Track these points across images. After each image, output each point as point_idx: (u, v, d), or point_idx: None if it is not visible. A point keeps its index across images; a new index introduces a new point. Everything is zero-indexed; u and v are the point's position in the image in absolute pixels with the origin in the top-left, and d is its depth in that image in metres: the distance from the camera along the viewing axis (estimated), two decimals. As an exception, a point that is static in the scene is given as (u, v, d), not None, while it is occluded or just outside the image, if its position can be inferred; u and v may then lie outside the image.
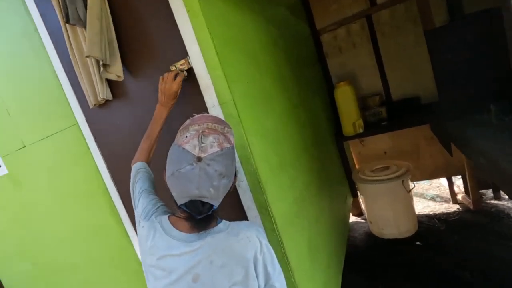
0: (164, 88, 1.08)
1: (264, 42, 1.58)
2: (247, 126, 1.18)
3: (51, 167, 1.75)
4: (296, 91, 1.91)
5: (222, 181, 0.71)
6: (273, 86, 1.54)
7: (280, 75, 1.69)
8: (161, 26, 1.17)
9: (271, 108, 1.46)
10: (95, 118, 1.47)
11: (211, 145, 0.71)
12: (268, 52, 1.59)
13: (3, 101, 1.77)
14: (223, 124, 0.84)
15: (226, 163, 0.72)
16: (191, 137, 0.73)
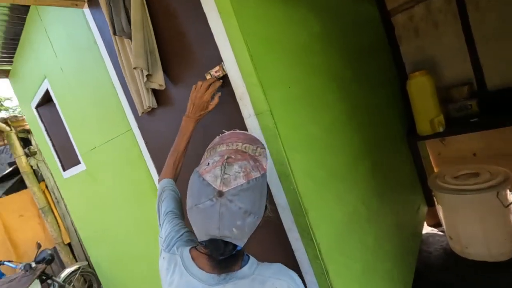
0: (194, 98, 1.01)
1: (314, 35, 1.38)
2: (287, 138, 1.03)
3: (114, 166, 1.91)
4: (355, 88, 1.66)
5: (247, 220, 0.60)
6: (323, 86, 1.35)
7: (333, 72, 1.47)
8: (195, 30, 1.10)
9: (320, 111, 1.27)
10: (145, 124, 1.52)
11: (235, 176, 0.60)
12: (318, 47, 1.39)
13: (80, 107, 1.99)
14: (256, 144, 0.74)
15: (253, 198, 0.60)
16: (214, 165, 0.62)
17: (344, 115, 1.46)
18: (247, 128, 1.06)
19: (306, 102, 1.19)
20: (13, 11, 2.23)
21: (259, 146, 0.73)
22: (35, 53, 2.23)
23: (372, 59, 2.12)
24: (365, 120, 1.69)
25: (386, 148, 1.94)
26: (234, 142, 0.73)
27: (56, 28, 1.86)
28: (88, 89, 1.80)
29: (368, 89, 1.87)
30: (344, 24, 1.73)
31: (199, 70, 1.13)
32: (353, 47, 1.78)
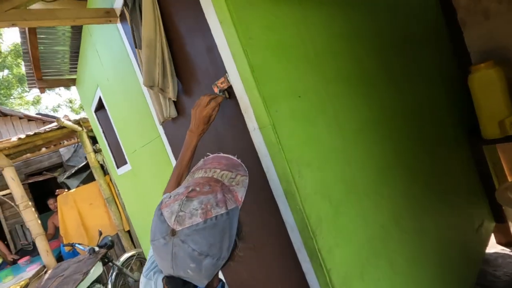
0: (195, 112, 0.99)
1: (336, 35, 1.24)
2: (295, 153, 0.95)
3: (150, 169, 2.03)
4: (391, 89, 1.45)
5: (204, 262, 0.55)
6: (346, 92, 1.20)
7: (360, 74, 1.30)
8: (202, 41, 1.07)
9: (341, 120, 1.14)
10: (170, 132, 1.57)
11: (191, 214, 0.55)
12: (341, 48, 1.24)
13: (123, 114, 2.17)
14: (236, 171, 0.68)
15: (210, 239, 0.55)
16: (175, 198, 0.58)
17: (374, 122, 1.29)
18: (253, 141, 1.00)
19: (322, 112, 1.08)
20: (74, 28, 2.52)
21: (240, 173, 0.67)
22: (89, 65, 2.49)
23: (424, 51, 1.84)
24: (404, 125, 1.48)
25: (434, 155, 1.68)
26: (213, 168, 0.68)
27: (101, 42, 2.04)
28: (126, 97, 1.94)
29: (414, 87, 1.63)
30: (382, 16, 1.52)
31: (207, 81, 1.11)
32: (393, 41, 1.56)
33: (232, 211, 0.59)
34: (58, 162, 6.70)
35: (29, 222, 4.33)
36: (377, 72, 1.38)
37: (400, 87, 1.53)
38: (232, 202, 0.60)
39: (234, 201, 0.61)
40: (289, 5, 1.06)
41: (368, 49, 1.38)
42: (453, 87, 2.07)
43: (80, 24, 1.49)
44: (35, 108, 14.06)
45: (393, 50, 1.54)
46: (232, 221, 0.58)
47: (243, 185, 0.66)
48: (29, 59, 2.65)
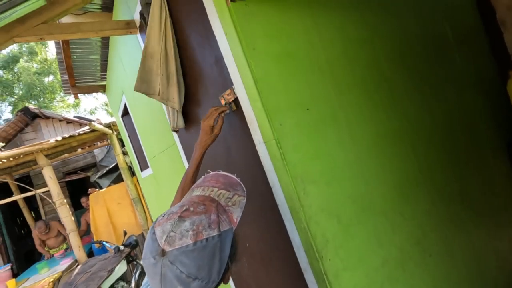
0: (201, 124, 0.98)
1: (351, 41, 1.17)
2: (300, 169, 0.90)
3: (168, 174, 2.07)
4: (417, 97, 1.34)
5: (192, 285, 0.53)
6: (361, 102, 1.13)
7: (381, 80, 1.22)
8: (209, 53, 1.06)
9: (354, 133, 1.07)
10: (183, 139, 1.59)
11: (181, 235, 0.53)
12: (357, 55, 1.17)
13: (144, 120, 2.24)
14: (234, 191, 0.66)
15: (199, 261, 0.53)
16: (168, 217, 0.57)
17: (393, 134, 1.20)
18: (259, 155, 0.97)
19: (333, 124, 1.02)
20: (103, 38, 2.67)
21: (237, 193, 0.65)
22: (115, 72, 2.61)
23: (457, 54, 1.69)
24: (431, 137, 1.36)
25: (467, 170, 1.53)
26: (211, 187, 0.66)
27: (124, 51, 2.12)
28: (147, 104, 2.00)
29: (443, 95, 1.50)
30: (405, 16, 1.42)
31: (214, 93, 1.10)
32: (419, 43, 1.44)
33: (226, 232, 0.57)
34: (92, 162, 7.13)
35: (64, 218, 4.62)
36: (398, 78, 1.29)
37: (426, 94, 1.41)
38: (226, 223, 0.58)
39: (228, 223, 0.59)
40: (299, 11, 1.02)
41: (389, 53, 1.29)
42: (490, 94, 1.89)
43: (102, 36, 1.56)
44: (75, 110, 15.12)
45: (418, 54, 1.43)
46: (224, 244, 0.56)
47: (240, 206, 0.63)
48: (63, 67, 2.83)
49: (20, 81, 11.83)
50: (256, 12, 0.93)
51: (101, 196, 5.02)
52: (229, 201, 0.64)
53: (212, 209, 0.58)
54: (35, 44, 11.79)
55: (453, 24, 1.74)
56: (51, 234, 5.15)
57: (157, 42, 1.22)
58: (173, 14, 1.23)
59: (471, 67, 1.79)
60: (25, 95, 11.98)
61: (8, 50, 12.06)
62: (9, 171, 5.41)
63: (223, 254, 0.56)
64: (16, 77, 11.89)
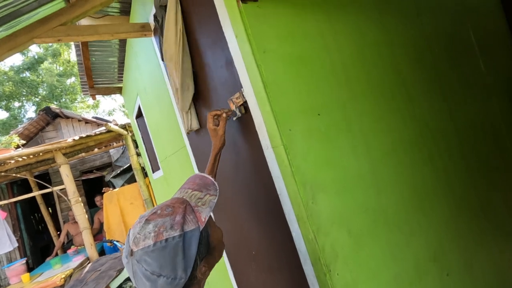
0: None
1: (369, 44, 1.13)
2: (309, 176, 0.87)
3: (178, 177, 2.07)
4: (438, 105, 1.28)
5: (158, 282, 0.57)
6: (379, 107, 1.08)
7: (399, 86, 1.17)
8: (220, 55, 1.05)
9: (369, 140, 1.03)
10: (193, 142, 1.58)
11: (145, 236, 0.59)
12: (375, 57, 1.13)
13: (157, 122, 2.26)
14: (206, 191, 0.72)
15: (161, 260, 0.57)
16: (140, 220, 0.62)
17: (410, 142, 1.14)
18: (266, 160, 0.94)
19: (346, 131, 0.98)
20: (121, 41, 2.73)
21: (209, 193, 0.70)
22: (131, 75, 2.66)
23: (483, 59, 1.61)
24: (452, 146, 1.29)
25: (493, 181, 1.44)
26: (187, 189, 0.72)
27: (140, 54, 2.16)
28: (159, 106, 2.02)
29: (468, 102, 1.42)
30: (426, 20, 1.36)
31: (227, 95, 1.08)
32: (442, 48, 1.38)
33: (191, 232, 0.61)
34: (108, 161, 7.31)
35: (78, 216, 4.73)
36: (417, 83, 1.23)
37: (447, 100, 1.34)
38: (193, 223, 0.62)
39: (195, 222, 0.63)
40: (313, 13, 0.99)
41: (408, 57, 1.23)
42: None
43: (118, 38, 1.59)
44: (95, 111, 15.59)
45: (439, 58, 1.36)
46: (188, 243, 0.60)
47: (209, 205, 0.68)
48: (82, 69, 2.92)
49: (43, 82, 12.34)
50: (268, 13, 0.90)
51: (115, 195, 5.11)
52: (200, 201, 0.69)
53: (179, 211, 0.63)
54: (60, 46, 12.29)
55: (477, 28, 1.66)
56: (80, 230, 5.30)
57: (174, 44, 1.22)
58: (185, 16, 1.23)
59: (495, 72, 1.70)
60: (48, 96, 12.47)
61: (33, 53, 12.64)
62: (29, 168, 5.62)
63: (187, 252, 0.60)
64: (40, 79, 12.42)
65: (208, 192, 0.71)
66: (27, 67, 12.32)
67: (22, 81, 12.19)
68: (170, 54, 1.24)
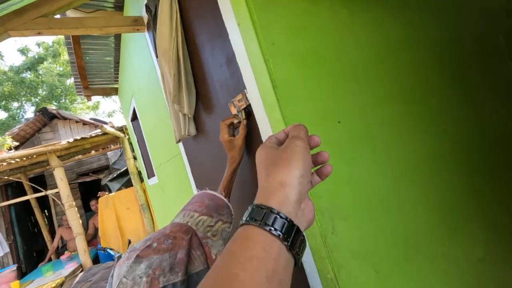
0: None
1: (393, 40, 0.96)
2: (327, 200, 0.69)
3: (173, 185, 1.90)
4: (471, 112, 1.11)
5: None
6: (404, 115, 0.91)
7: (426, 91, 1.00)
8: (221, 50, 0.88)
9: (396, 154, 0.86)
10: (189, 150, 1.42)
11: (134, 282, 0.43)
12: (399, 58, 0.96)
13: (152, 126, 2.09)
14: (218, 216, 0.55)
15: None
16: (129, 256, 0.46)
17: (437, 156, 0.97)
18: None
19: (368, 143, 0.81)
20: (116, 39, 2.57)
21: (221, 220, 0.55)
22: (126, 75, 2.50)
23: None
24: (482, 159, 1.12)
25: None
26: (192, 211, 0.57)
27: (134, 52, 2.00)
28: (154, 108, 1.85)
29: (495, 111, 1.25)
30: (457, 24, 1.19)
31: (228, 97, 0.92)
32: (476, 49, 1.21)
33: (197, 275, 0.45)
34: (105, 164, 7.14)
35: (72, 221, 4.56)
36: (445, 90, 1.06)
37: (478, 111, 1.17)
38: (200, 262, 0.47)
39: (203, 261, 0.48)
40: (331, 3, 0.83)
41: (434, 61, 1.07)
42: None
43: (107, 33, 1.43)
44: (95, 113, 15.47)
45: (467, 64, 1.20)
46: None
47: (222, 236, 0.53)
48: (75, 68, 2.76)
49: (43, 82, 12.23)
50: (277, 0, 0.74)
51: (111, 200, 4.94)
52: (209, 230, 0.53)
53: (182, 244, 0.47)
54: (59, 46, 12.19)
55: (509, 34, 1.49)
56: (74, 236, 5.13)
57: (168, 38, 1.06)
58: (181, 7, 1.07)
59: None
60: (47, 96, 12.35)
61: (34, 53, 12.54)
62: (23, 170, 5.46)
63: None
64: (40, 79, 12.30)
65: (221, 218, 0.56)
66: (27, 67, 12.23)
67: (21, 81, 12.09)
68: (163, 49, 1.07)
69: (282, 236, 0.25)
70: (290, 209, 0.27)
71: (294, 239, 0.26)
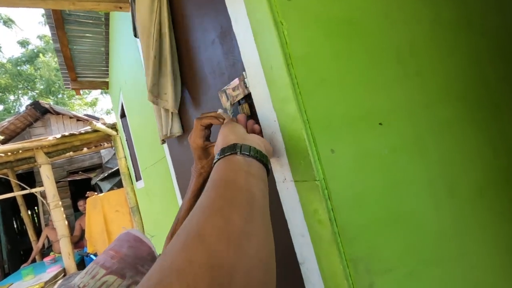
0: None
1: (445, 24, 0.72)
2: (365, 244, 0.45)
3: (158, 191, 1.66)
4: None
5: None
6: (463, 122, 0.67)
7: (485, 96, 0.76)
8: (210, 23, 0.64)
9: (452, 173, 0.62)
10: (175, 153, 1.17)
11: None
12: (452, 48, 0.72)
13: (139, 124, 1.85)
14: (133, 276, 0.42)
15: None
16: None
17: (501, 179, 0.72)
18: (282, 205, 0.53)
19: (418, 156, 0.57)
20: (107, 27, 2.33)
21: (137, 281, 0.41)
22: (114, 66, 2.26)
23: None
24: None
25: None
26: (100, 265, 0.45)
27: (121, 41, 1.76)
28: (140, 104, 1.61)
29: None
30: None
31: (218, 86, 0.67)
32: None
33: None
34: (98, 163, 6.87)
35: (57, 222, 4.29)
36: (506, 92, 0.82)
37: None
38: None
39: None
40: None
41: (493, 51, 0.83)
42: None
43: (82, 8, 1.19)
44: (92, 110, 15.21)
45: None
46: None
47: None
48: (61, 57, 2.52)
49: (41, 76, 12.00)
50: None
51: (99, 201, 4.67)
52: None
53: None
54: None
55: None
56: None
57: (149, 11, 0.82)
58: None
59: None
60: (44, 90, 12.11)
61: (33, 46, 12.33)
62: (10, 166, 5.20)
63: None
64: (38, 73, 12.07)
65: (136, 279, 0.42)
66: (25, 60, 12.00)
67: (19, 73, 11.85)
68: (143, 24, 0.83)
69: (235, 151, 0.37)
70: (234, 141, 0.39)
71: (245, 149, 0.38)
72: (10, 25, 11.45)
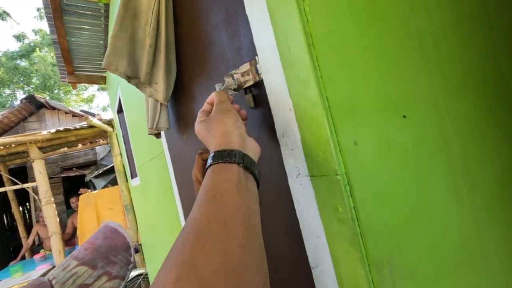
0: None
1: (465, 16, 0.69)
2: (388, 246, 0.41)
3: (155, 188, 1.61)
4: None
5: None
6: (481, 118, 0.64)
7: (503, 88, 0.73)
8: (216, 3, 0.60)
9: (474, 171, 0.58)
10: (173, 147, 1.12)
11: None
12: (471, 40, 0.69)
13: (135, 119, 1.79)
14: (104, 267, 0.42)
15: None
16: None
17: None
18: (292, 196, 0.49)
19: (442, 151, 0.52)
20: (106, 20, 2.28)
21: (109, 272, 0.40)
22: (112, 59, 2.20)
23: None
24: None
25: None
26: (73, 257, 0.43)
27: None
28: (137, 98, 1.56)
29: None
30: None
31: (223, 74, 0.63)
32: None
33: None
34: (93, 159, 6.77)
35: (48, 218, 4.19)
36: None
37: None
38: None
39: None
40: None
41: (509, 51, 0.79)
42: None
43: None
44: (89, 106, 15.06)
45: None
46: None
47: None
48: (58, 49, 2.45)
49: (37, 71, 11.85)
50: None
51: (93, 198, 4.58)
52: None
53: None
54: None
55: None
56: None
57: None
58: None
59: None
60: (41, 86, 11.96)
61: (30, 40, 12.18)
62: (3, 160, 5.09)
63: None
64: (34, 67, 11.93)
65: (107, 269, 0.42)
66: (21, 54, 11.85)
67: (15, 67, 11.69)
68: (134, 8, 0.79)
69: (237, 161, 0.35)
70: (237, 146, 0.37)
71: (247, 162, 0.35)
72: (5, 18, 11.29)
